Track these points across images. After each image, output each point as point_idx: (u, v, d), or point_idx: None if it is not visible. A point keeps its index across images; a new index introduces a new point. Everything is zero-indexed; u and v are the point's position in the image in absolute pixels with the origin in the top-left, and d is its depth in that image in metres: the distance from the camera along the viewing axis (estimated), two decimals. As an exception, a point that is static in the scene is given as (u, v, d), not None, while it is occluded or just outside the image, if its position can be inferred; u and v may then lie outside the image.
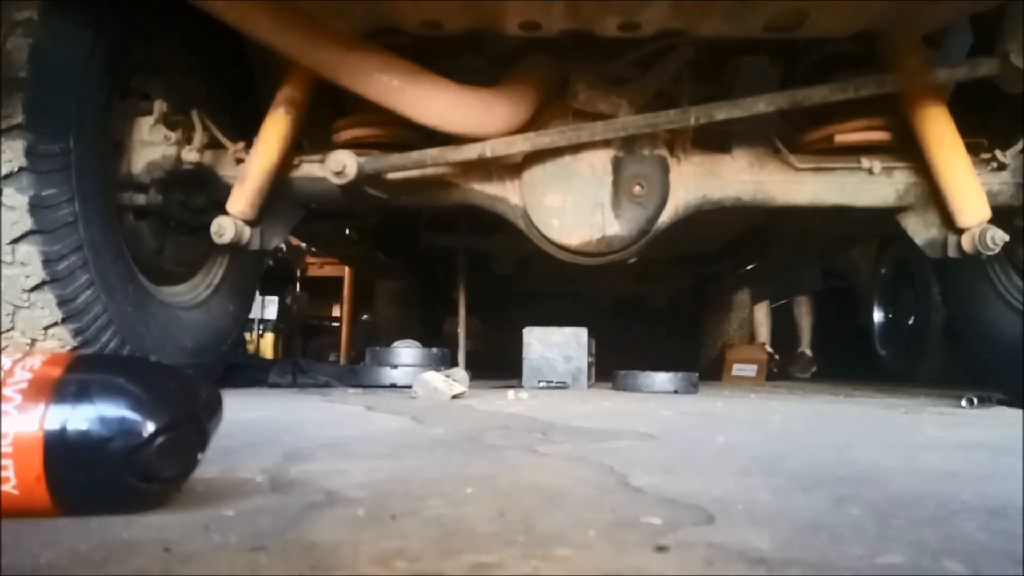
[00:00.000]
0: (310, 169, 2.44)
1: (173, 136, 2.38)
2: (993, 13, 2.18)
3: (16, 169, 1.83)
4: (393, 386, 3.01)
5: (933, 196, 2.39)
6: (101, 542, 0.73)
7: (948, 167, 2.29)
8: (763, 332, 5.06)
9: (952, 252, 2.38)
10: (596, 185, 2.41)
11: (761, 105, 2.24)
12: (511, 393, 2.58)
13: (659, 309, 5.20)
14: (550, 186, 2.42)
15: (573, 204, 2.42)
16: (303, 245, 5.69)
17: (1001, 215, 2.34)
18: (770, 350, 4.78)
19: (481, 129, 2.29)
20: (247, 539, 0.74)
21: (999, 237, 2.24)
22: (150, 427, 0.82)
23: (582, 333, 3.16)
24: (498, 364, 3.82)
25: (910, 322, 4.81)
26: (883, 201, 2.46)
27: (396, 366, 3.09)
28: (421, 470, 1.18)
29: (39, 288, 1.89)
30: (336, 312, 6.73)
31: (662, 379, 3.01)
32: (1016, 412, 2.28)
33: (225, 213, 2.32)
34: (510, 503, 0.92)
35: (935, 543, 0.74)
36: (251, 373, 3.11)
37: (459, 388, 2.51)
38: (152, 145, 2.37)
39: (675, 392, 2.97)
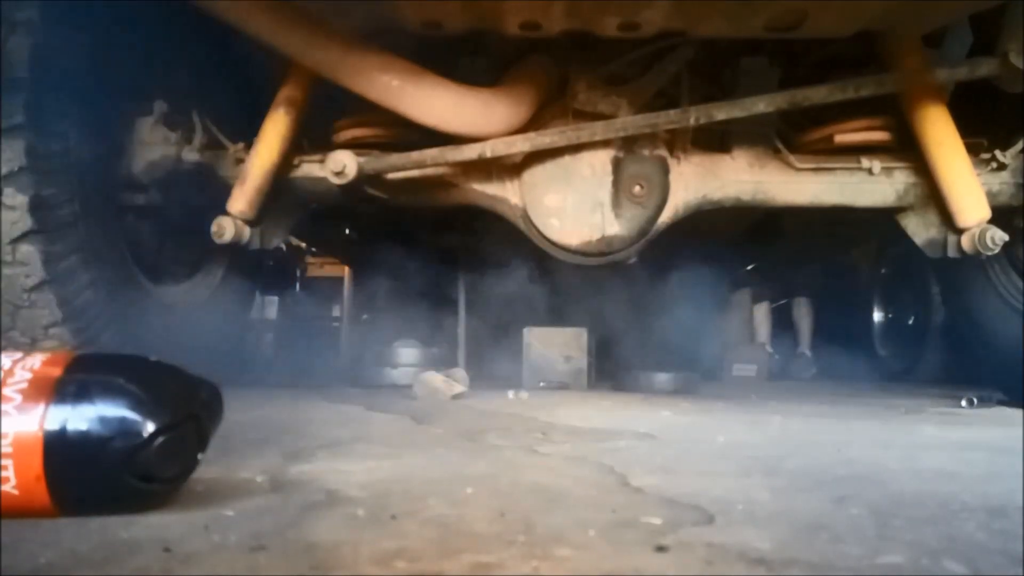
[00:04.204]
0: (310, 169, 2.44)
1: (173, 136, 2.38)
2: (993, 13, 2.18)
3: (16, 169, 1.83)
4: (393, 386, 3.01)
5: (933, 196, 2.39)
6: (101, 542, 0.73)
7: (948, 167, 2.29)
8: (763, 332, 5.05)
9: (952, 252, 2.38)
10: (596, 185, 2.41)
11: (761, 105, 2.24)
12: (511, 393, 2.58)
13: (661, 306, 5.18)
14: (550, 186, 2.42)
15: (573, 204, 2.42)
16: (303, 245, 5.69)
17: (1001, 215, 2.34)
18: (770, 350, 4.77)
19: (481, 129, 2.29)
20: (247, 539, 0.74)
21: (999, 237, 2.24)
22: (150, 427, 0.82)
23: (582, 333, 3.16)
24: (498, 364, 3.81)
25: (910, 322, 4.81)
26: (883, 201, 2.46)
27: (396, 366, 3.09)
28: (421, 470, 1.18)
29: (39, 288, 1.89)
30: (336, 312, 6.72)
31: (662, 379, 3.01)
32: (1016, 412, 2.27)
33: (225, 213, 2.33)
34: (510, 503, 0.92)
35: (935, 543, 0.74)
36: (251, 373, 3.11)
37: (459, 388, 2.51)
38: (152, 145, 2.37)
39: (675, 392, 2.97)
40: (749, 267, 4.63)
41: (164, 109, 2.39)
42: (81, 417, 0.81)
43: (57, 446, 0.80)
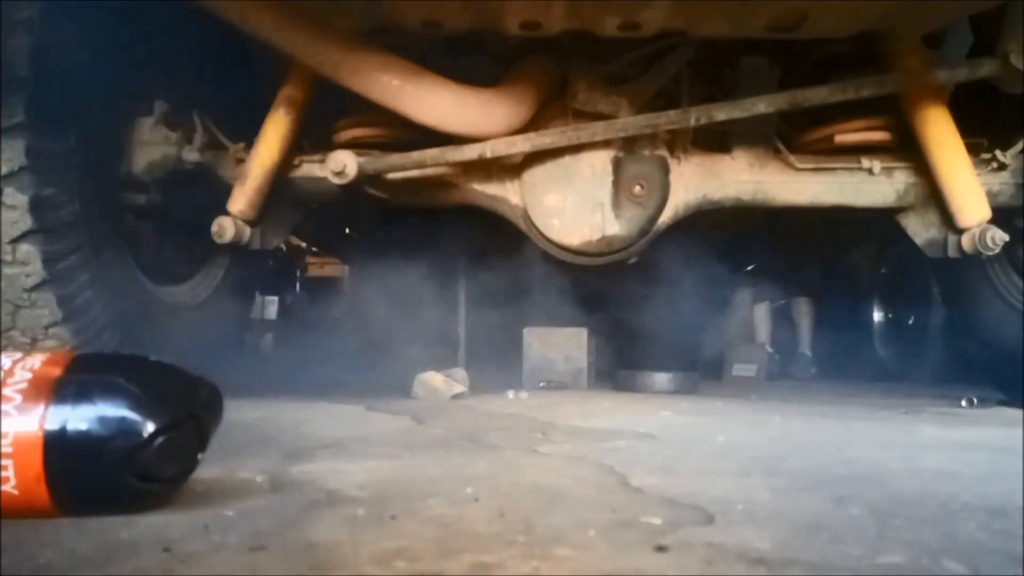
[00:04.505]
0: (310, 169, 2.44)
1: (173, 136, 2.38)
2: (993, 13, 2.18)
3: (17, 168, 1.83)
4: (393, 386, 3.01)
5: (933, 196, 2.39)
6: (101, 542, 0.73)
7: (948, 167, 2.29)
8: (763, 332, 5.05)
9: (952, 252, 2.38)
10: (596, 185, 2.41)
11: (761, 105, 2.24)
12: (511, 393, 2.58)
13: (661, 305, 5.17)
14: (550, 186, 2.42)
15: (573, 204, 2.42)
16: (303, 245, 5.69)
17: (1001, 215, 2.34)
18: (770, 350, 4.77)
19: (481, 129, 2.29)
20: (247, 539, 0.74)
21: (999, 237, 2.24)
22: (150, 427, 0.82)
23: (582, 333, 3.16)
24: (498, 364, 3.82)
25: (910, 322, 4.81)
26: (883, 201, 2.46)
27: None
28: (421, 470, 1.18)
29: (39, 287, 1.89)
30: (336, 312, 6.73)
31: (662, 379, 3.01)
32: (1016, 412, 2.27)
33: (225, 213, 2.33)
34: (510, 503, 0.92)
35: (935, 543, 0.74)
36: (251, 373, 3.11)
37: (459, 388, 2.51)
38: (152, 145, 2.37)
39: (675, 392, 2.97)
40: (749, 267, 4.63)
41: (164, 109, 2.39)
42: (81, 417, 0.81)
43: (57, 446, 0.80)
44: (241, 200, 2.32)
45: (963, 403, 2.50)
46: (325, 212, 3.21)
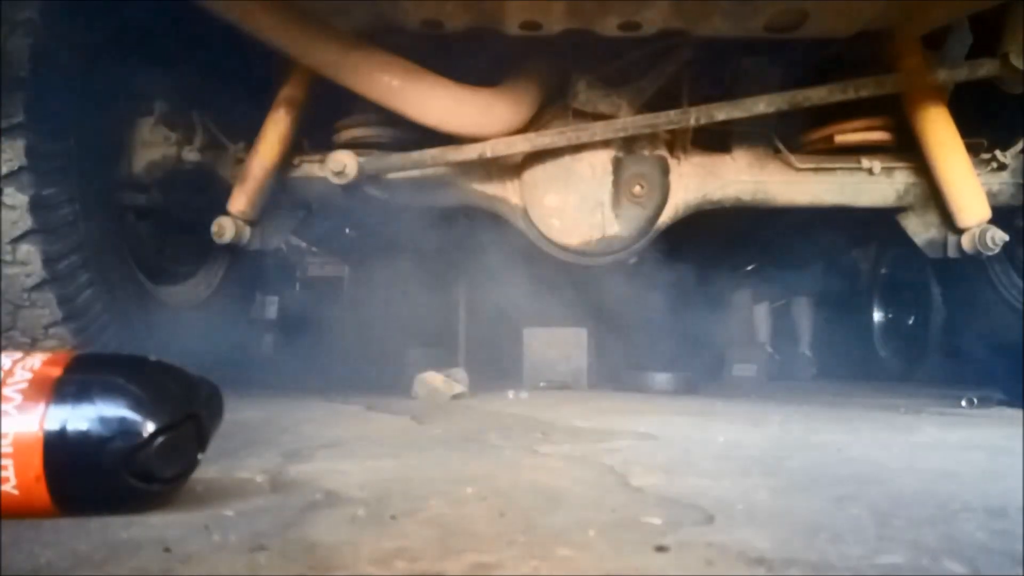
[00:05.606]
0: (310, 169, 2.44)
1: (173, 136, 2.38)
2: (993, 13, 2.18)
3: (16, 168, 1.82)
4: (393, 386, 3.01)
5: (933, 196, 2.39)
6: (101, 542, 0.73)
7: (948, 167, 2.30)
8: (763, 332, 5.05)
9: (952, 252, 2.38)
10: (596, 185, 2.41)
11: (761, 105, 2.24)
12: (511, 393, 2.58)
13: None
14: (550, 186, 2.42)
15: (573, 204, 2.42)
16: (303, 245, 5.69)
17: (1001, 215, 2.34)
18: (770, 350, 4.77)
19: (481, 129, 2.29)
20: (247, 539, 0.74)
21: (999, 237, 2.25)
22: (150, 427, 0.82)
23: (582, 333, 3.16)
24: (498, 364, 3.82)
25: (910, 322, 4.81)
26: (883, 201, 2.46)
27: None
28: (421, 470, 1.18)
29: (39, 288, 1.89)
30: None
31: (662, 379, 3.01)
32: (1016, 412, 2.28)
33: (225, 213, 2.33)
34: (510, 503, 0.92)
35: (935, 543, 0.74)
36: (251, 373, 3.11)
37: (459, 388, 2.51)
38: (152, 145, 2.37)
39: (675, 392, 2.97)
40: (749, 267, 4.63)
41: (164, 109, 2.39)
42: (81, 417, 0.81)
43: (57, 446, 0.80)
44: (241, 200, 2.32)
45: (963, 403, 2.50)
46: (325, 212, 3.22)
